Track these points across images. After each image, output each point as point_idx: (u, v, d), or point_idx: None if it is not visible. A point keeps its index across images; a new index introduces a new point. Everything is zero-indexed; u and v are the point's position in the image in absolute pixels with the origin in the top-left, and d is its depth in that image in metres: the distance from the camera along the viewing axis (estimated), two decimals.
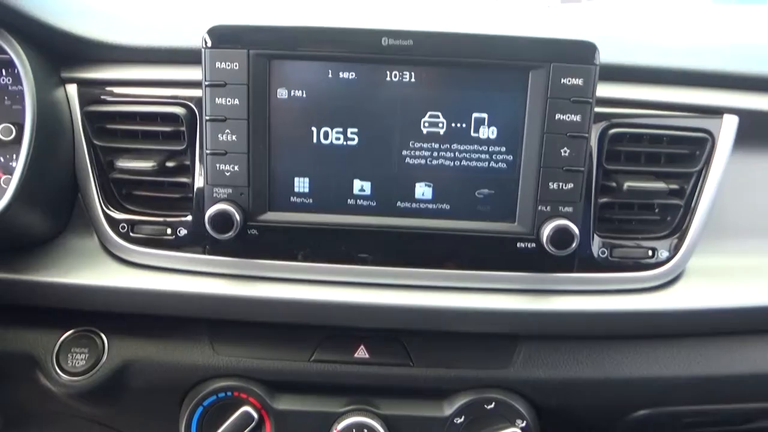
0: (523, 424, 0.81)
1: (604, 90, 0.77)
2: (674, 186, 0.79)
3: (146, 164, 0.78)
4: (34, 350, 0.82)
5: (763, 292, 0.82)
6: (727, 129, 0.80)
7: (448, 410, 0.82)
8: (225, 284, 0.79)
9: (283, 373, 0.82)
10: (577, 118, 0.73)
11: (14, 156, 0.80)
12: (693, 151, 0.80)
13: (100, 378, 0.81)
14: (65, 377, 0.81)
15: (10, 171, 0.80)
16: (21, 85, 0.74)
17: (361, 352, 0.83)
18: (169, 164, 0.80)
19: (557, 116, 0.73)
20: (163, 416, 0.86)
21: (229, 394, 0.82)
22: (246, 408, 0.81)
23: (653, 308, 0.79)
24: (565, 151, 0.74)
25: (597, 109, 0.75)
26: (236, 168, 0.75)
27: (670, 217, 0.81)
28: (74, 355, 0.82)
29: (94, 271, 0.79)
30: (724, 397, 0.86)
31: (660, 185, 0.78)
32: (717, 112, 0.80)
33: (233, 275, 0.80)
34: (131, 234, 0.80)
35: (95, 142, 0.80)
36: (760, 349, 0.85)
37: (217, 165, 0.75)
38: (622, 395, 0.84)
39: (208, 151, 0.75)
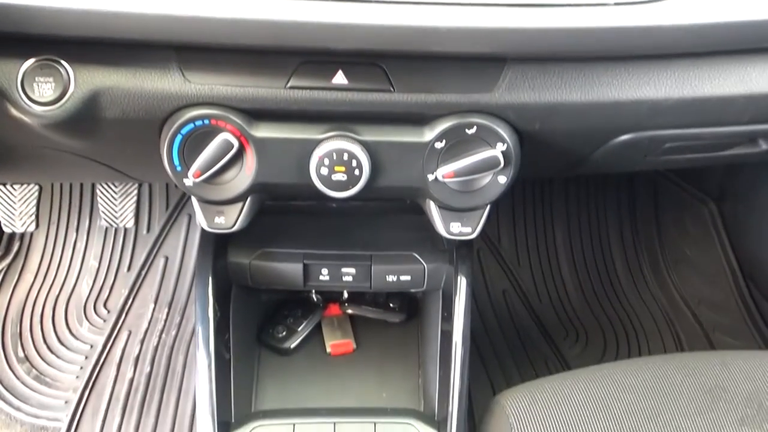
0: (504, 148, 0.81)
1: None
2: None
3: None
4: None
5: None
6: None
7: (428, 135, 0.82)
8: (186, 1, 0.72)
9: (259, 100, 0.80)
10: None
11: None
12: None
13: (71, 107, 0.79)
14: (36, 107, 0.79)
15: None
16: None
17: (340, 78, 0.79)
18: None
19: None
20: (145, 148, 0.87)
21: (206, 122, 0.80)
22: (225, 135, 0.81)
23: (651, 23, 0.73)
24: None
25: None
26: None
27: None
28: (40, 85, 0.79)
29: None
30: (711, 119, 0.85)
31: None
32: None
33: None
34: None
35: None
36: (756, 68, 0.81)
37: None
38: (609, 119, 0.83)
39: None
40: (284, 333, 1.16)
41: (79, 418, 1.45)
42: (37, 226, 1.74)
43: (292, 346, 1.16)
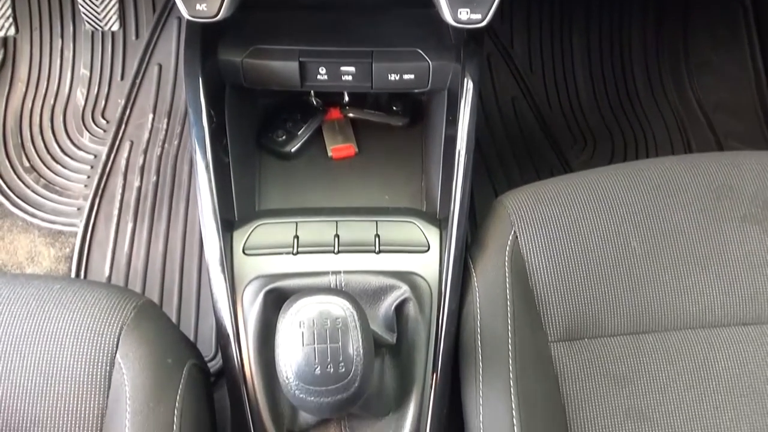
0: None
1: None
2: None
3: None
4: None
5: None
6: None
7: None
8: None
9: None
10: None
11: None
12: None
13: None
14: None
15: None
16: None
17: None
18: None
19: None
20: None
21: None
22: None
23: None
24: None
25: None
26: None
27: None
28: None
29: None
30: None
31: None
32: None
33: None
34: None
35: None
36: None
37: None
38: None
39: None
40: (284, 137, 1.13)
41: (93, 223, 1.49)
42: (17, 30, 1.63)
43: (293, 149, 1.13)
